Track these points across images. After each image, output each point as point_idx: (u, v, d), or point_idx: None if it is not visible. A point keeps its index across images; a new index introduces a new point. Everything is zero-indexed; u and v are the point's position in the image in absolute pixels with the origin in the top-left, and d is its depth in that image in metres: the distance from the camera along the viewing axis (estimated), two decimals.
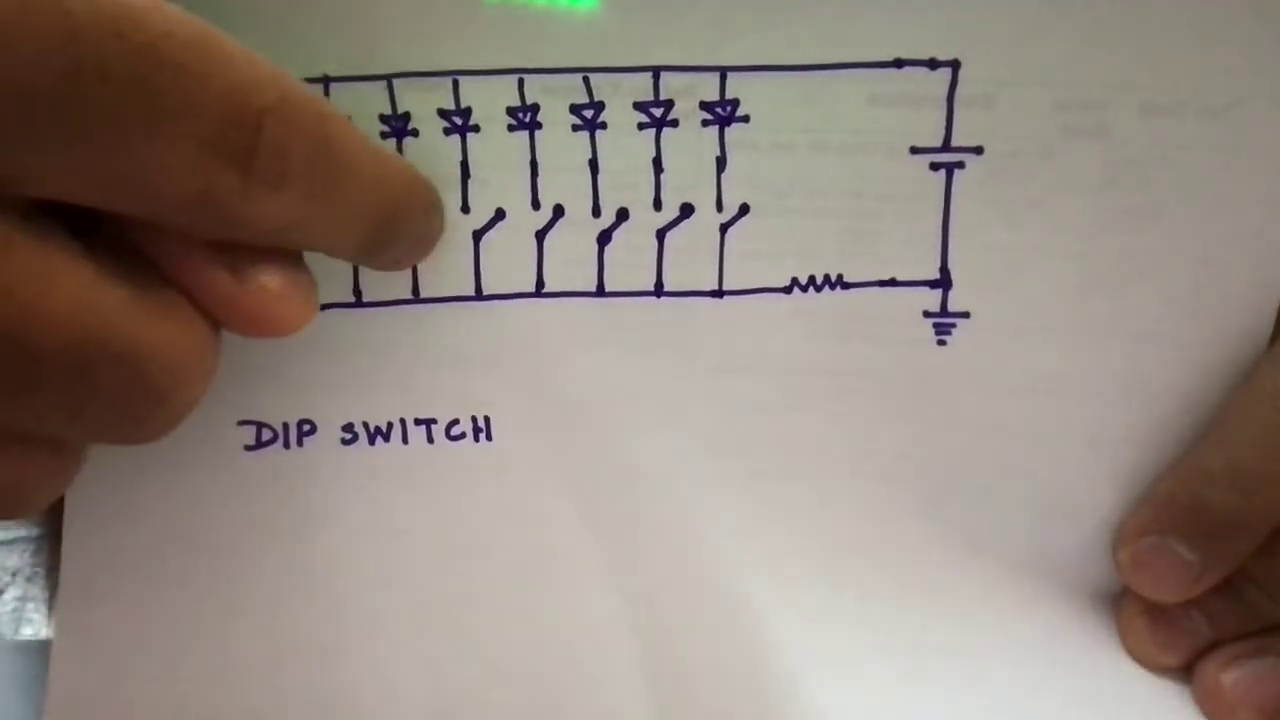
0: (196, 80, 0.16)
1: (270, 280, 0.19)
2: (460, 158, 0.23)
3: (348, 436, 0.25)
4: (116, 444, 0.19)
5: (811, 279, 0.24)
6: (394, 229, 0.21)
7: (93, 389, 0.17)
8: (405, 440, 0.25)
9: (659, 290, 0.24)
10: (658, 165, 0.24)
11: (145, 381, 0.18)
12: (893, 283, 0.24)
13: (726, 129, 0.23)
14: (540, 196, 0.24)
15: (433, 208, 0.23)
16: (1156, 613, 0.25)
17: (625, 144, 0.23)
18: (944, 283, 0.24)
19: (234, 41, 0.17)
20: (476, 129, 0.23)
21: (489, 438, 0.25)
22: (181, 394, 0.18)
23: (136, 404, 0.18)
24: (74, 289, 0.17)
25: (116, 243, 0.18)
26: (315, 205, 0.18)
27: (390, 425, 0.25)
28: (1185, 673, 0.25)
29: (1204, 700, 0.25)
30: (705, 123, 0.23)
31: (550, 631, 0.25)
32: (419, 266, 0.24)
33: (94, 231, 0.17)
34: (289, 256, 0.20)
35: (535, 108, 0.23)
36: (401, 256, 0.23)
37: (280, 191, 0.18)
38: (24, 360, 0.16)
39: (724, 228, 0.24)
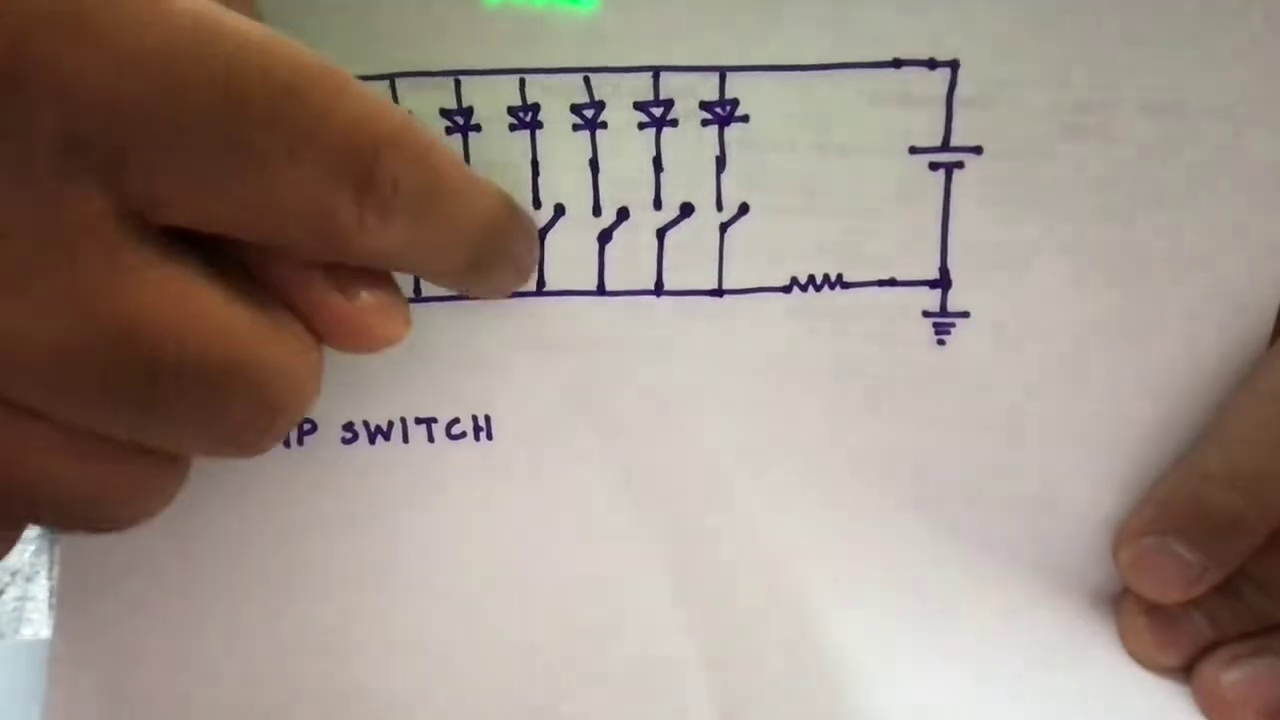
0: (324, 114, 0.17)
1: (373, 298, 0.20)
2: (461, 157, 0.23)
3: (348, 436, 0.25)
4: (230, 457, 0.19)
5: (811, 278, 0.24)
6: (492, 255, 0.22)
7: (221, 406, 0.18)
8: (405, 439, 0.25)
9: (659, 289, 0.24)
10: (658, 165, 0.24)
11: (267, 398, 0.19)
12: (892, 282, 0.24)
13: (726, 129, 0.23)
14: (541, 196, 0.24)
15: (529, 235, 0.23)
16: (1156, 613, 0.25)
17: (625, 144, 0.23)
18: (943, 282, 0.24)
19: (354, 79, 0.18)
20: (478, 128, 0.23)
21: (489, 437, 0.25)
22: (297, 409, 0.19)
23: (259, 420, 0.19)
24: (208, 311, 0.18)
25: (236, 264, 0.19)
26: (422, 232, 0.19)
27: (390, 424, 0.25)
28: (1185, 673, 0.25)
29: (1204, 700, 0.25)
30: (705, 122, 0.23)
31: (550, 631, 0.25)
32: None
33: (219, 254, 0.18)
34: (383, 276, 0.20)
35: (536, 107, 0.23)
36: (499, 282, 0.23)
37: (392, 219, 0.19)
38: (163, 380, 0.17)
39: (724, 227, 0.24)
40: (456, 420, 0.25)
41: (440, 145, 0.19)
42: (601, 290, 0.24)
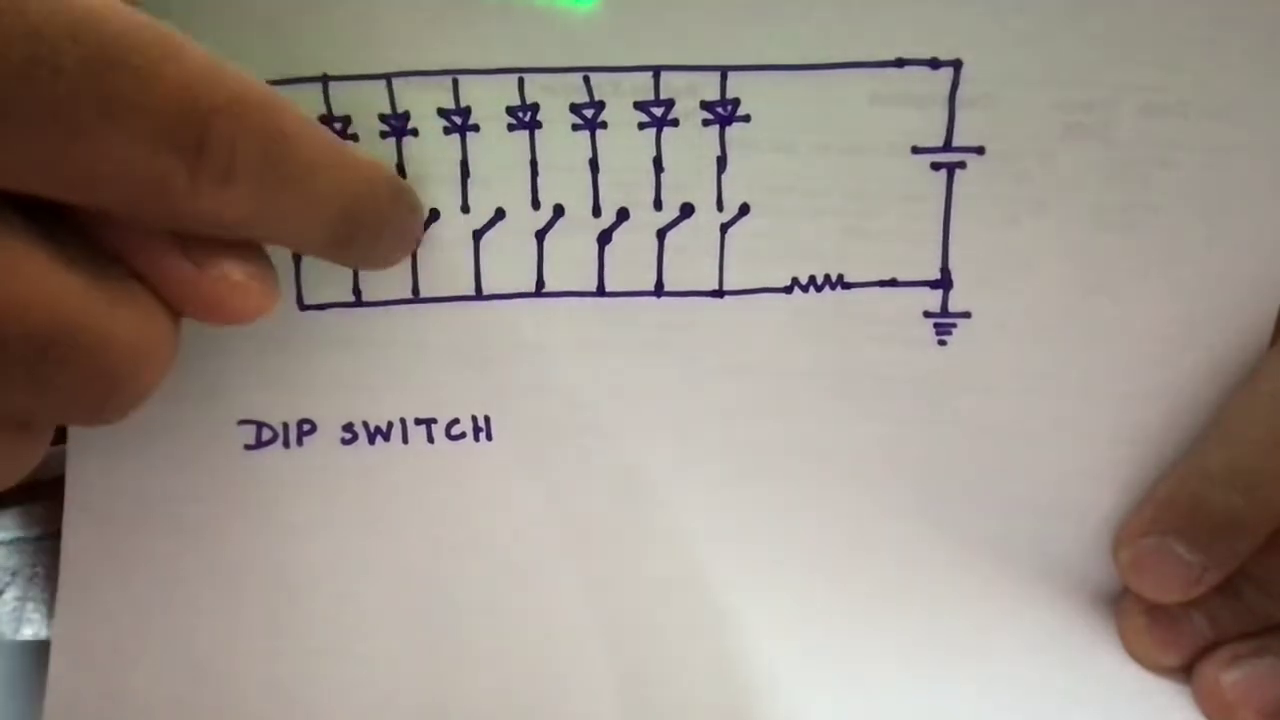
0: (148, 79, 0.17)
1: (230, 270, 0.20)
2: (460, 157, 0.23)
3: (348, 436, 0.25)
4: (76, 425, 0.19)
5: (812, 279, 0.24)
6: (359, 226, 0.21)
7: (53, 372, 0.18)
8: (405, 440, 0.25)
9: (659, 290, 0.24)
10: (658, 165, 0.24)
11: (104, 365, 0.18)
12: (893, 283, 0.24)
13: (727, 128, 0.23)
14: (540, 196, 0.24)
15: (404, 205, 0.23)
16: (1156, 613, 0.25)
17: (626, 143, 0.23)
18: (945, 283, 0.24)
19: (193, 44, 0.17)
20: (476, 128, 0.23)
21: (489, 438, 0.25)
22: (139, 378, 0.19)
23: (95, 387, 0.18)
24: (34, 275, 0.17)
25: (77, 232, 0.18)
26: (269, 201, 0.19)
27: (390, 425, 0.25)
28: (1185, 673, 0.25)
29: (1204, 700, 0.25)
30: (706, 122, 0.23)
31: (549, 632, 0.25)
32: (419, 266, 0.24)
33: (56, 221, 0.18)
34: (250, 248, 0.20)
35: (535, 107, 0.23)
36: (378, 255, 0.23)
37: (230, 186, 0.18)
38: None
39: (724, 227, 0.24)
40: (456, 420, 0.25)
41: (297, 115, 0.19)
42: (601, 291, 0.24)
